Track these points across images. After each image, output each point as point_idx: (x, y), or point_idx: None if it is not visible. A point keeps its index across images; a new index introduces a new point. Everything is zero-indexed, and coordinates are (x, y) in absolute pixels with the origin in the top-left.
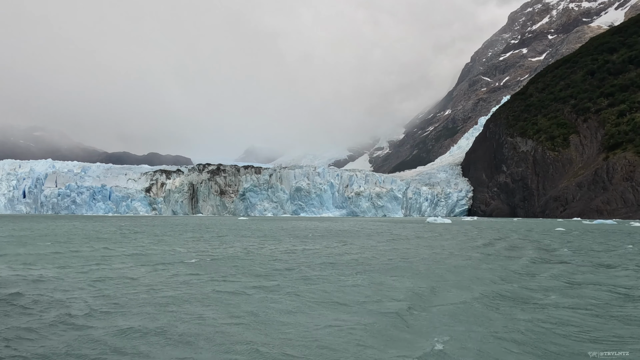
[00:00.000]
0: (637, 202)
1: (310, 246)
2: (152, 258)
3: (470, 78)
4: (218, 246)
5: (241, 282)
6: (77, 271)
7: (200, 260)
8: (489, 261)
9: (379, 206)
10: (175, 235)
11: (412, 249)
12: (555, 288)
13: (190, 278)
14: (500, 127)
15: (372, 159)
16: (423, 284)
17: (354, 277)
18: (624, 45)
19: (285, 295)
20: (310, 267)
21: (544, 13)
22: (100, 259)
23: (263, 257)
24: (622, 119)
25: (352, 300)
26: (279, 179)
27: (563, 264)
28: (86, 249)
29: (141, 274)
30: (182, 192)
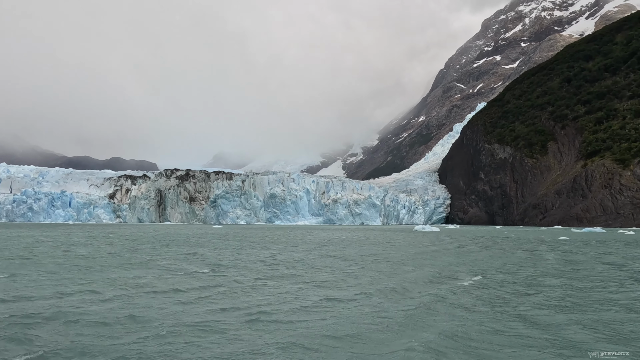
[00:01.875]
0: (617, 209)
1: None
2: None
3: (444, 84)
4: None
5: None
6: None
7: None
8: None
9: (356, 214)
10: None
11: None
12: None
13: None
14: (478, 133)
15: (346, 165)
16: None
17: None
18: (599, 53)
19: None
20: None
21: (517, 21)
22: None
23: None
24: (600, 126)
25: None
26: (252, 185)
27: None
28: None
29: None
30: (149, 198)
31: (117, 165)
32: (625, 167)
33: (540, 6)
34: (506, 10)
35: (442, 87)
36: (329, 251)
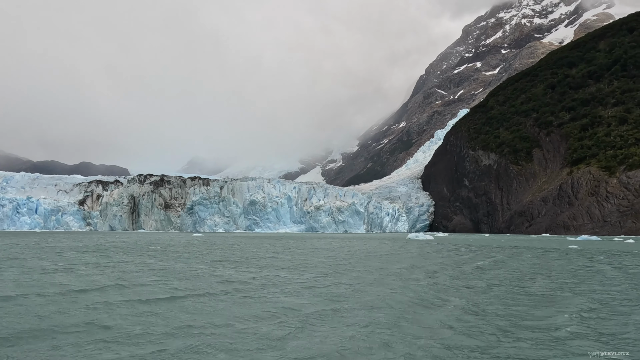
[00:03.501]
0: (603, 217)
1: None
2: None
3: (424, 90)
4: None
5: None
6: None
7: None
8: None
9: (340, 221)
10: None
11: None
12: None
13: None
14: (461, 140)
15: (325, 172)
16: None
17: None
18: (582, 60)
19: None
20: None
21: (498, 27)
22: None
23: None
24: (585, 133)
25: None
26: (231, 191)
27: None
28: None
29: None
30: (122, 205)
31: (87, 171)
32: (611, 175)
33: (520, 13)
34: (486, 17)
35: (422, 93)
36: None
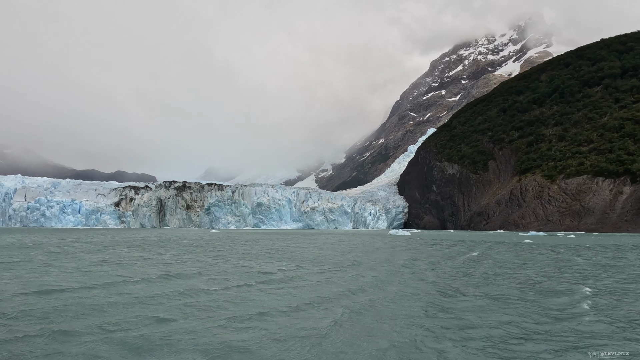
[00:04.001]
0: (546, 216)
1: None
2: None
3: (399, 113)
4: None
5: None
6: None
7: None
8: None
9: (331, 220)
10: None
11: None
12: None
13: None
14: (430, 153)
15: (318, 179)
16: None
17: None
18: (528, 88)
19: None
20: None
21: (458, 62)
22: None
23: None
24: (531, 148)
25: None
26: (241, 195)
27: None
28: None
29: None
30: (151, 206)
31: (121, 178)
32: (552, 182)
33: (477, 51)
34: (449, 54)
35: (397, 115)
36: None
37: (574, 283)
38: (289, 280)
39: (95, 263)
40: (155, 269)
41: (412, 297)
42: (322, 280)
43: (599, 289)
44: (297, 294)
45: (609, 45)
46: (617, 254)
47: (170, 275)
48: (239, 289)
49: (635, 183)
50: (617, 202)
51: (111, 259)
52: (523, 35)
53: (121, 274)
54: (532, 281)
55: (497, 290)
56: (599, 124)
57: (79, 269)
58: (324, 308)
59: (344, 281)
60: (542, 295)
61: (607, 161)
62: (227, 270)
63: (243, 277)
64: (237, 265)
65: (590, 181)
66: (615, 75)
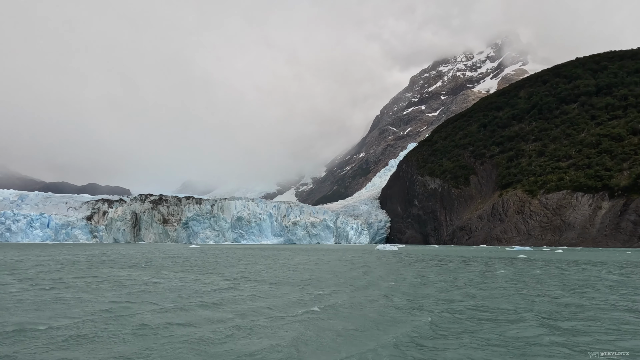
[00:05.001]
0: (528, 231)
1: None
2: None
3: (380, 127)
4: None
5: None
6: None
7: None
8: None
9: (313, 234)
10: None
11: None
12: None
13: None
14: (412, 167)
15: (298, 193)
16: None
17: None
18: (507, 105)
19: None
20: None
21: (438, 78)
22: None
23: None
24: (511, 163)
25: None
26: (220, 208)
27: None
28: None
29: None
30: (125, 220)
31: (93, 190)
32: (533, 197)
33: (455, 67)
34: (429, 70)
35: (378, 129)
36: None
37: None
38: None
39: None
40: (199, 300)
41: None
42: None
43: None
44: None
45: (584, 64)
46: (631, 270)
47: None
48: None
49: (613, 198)
50: (596, 217)
51: (117, 288)
52: (500, 53)
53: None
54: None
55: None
56: (576, 140)
57: (110, 313)
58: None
59: (382, 306)
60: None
61: (585, 176)
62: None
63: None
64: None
65: (570, 196)
66: (591, 93)
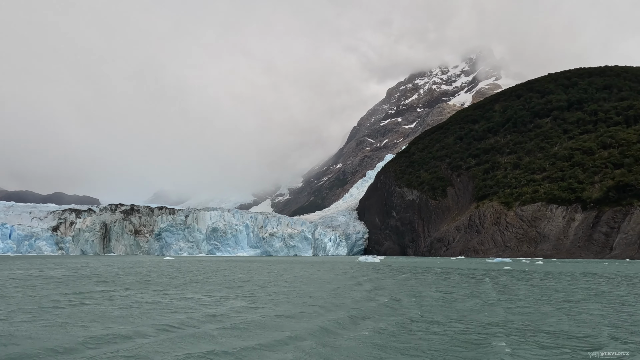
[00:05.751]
0: (504, 242)
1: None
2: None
3: (357, 139)
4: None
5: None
6: None
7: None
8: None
9: (291, 246)
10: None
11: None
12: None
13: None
14: (390, 179)
15: (274, 204)
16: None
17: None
18: (483, 118)
19: None
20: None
21: (414, 91)
22: None
23: None
24: (488, 175)
25: None
26: (195, 219)
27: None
28: None
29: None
30: (94, 231)
31: (59, 200)
32: (509, 209)
33: (431, 81)
34: (405, 83)
35: (355, 140)
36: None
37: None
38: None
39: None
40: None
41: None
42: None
43: None
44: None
45: (555, 80)
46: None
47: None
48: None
49: (586, 210)
50: (570, 229)
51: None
52: (474, 68)
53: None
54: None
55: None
56: (550, 153)
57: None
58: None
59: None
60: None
61: (559, 189)
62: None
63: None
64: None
65: (544, 208)
66: (563, 108)
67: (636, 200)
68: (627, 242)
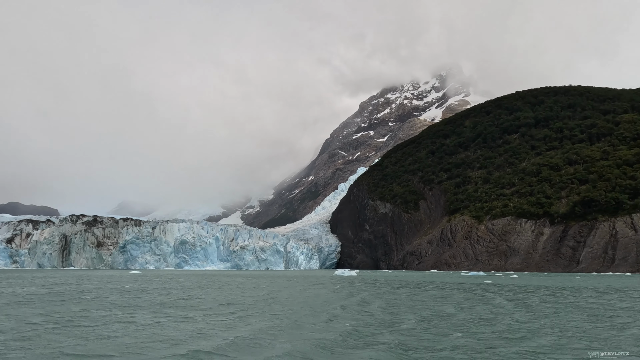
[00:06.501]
0: (475, 256)
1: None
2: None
3: (329, 151)
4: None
5: None
6: None
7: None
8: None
9: (262, 259)
10: None
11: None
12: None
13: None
14: (363, 192)
15: (244, 216)
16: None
17: None
18: (454, 133)
19: None
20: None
21: (386, 105)
22: None
23: None
24: (459, 189)
25: None
26: (163, 231)
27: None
28: None
29: None
30: (53, 243)
31: (15, 210)
32: (480, 222)
33: (402, 96)
34: (378, 97)
35: (327, 153)
36: None
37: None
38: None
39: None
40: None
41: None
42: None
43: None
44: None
45: (523, 97)
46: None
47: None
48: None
49: (554, 225)
50: (538, 243)
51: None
52: (444, 84)
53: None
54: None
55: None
56: (519, 168)
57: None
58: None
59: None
60: None
61: (528, 203)
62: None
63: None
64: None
65: (514, 222)
66: (530, 125)
67: (601, 215)
68: (592, 255)
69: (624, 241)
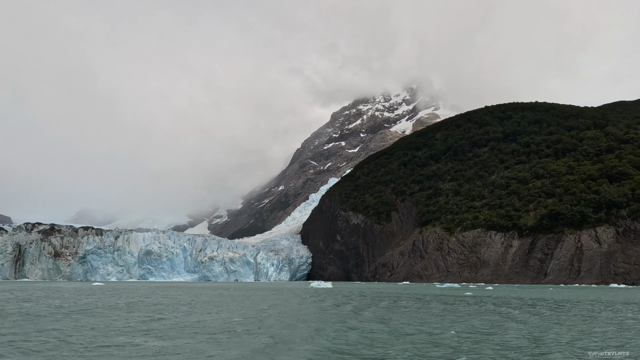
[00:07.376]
0: (447, 268)
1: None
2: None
3: (300, 161)
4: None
5: None
6: None
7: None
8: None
9: (231, 271)
10: None
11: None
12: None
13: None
14: (335, 202)
15: (212, 226)
16: None
17: None
18: (425, 145)
19: None
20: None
21: (358, 116)
22: None
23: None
24: (430, 201)
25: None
26: (126, 241)
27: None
28: None
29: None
30: (5, 253)
31: None
32: (451, 234)
33: (374, 107)
34: (349, 108)
35: (298, 163)
36: None
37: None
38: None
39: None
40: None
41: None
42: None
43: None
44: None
45: (492, 112)
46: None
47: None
48: None
49: (522, 237)
50: (508, 255)
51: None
52: (414, 97)
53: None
54: None
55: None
56: (488, 181)
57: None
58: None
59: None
60: None
61: (498, 216)
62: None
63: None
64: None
65: (484, 234)
66: (499, 139)
67: (567, 228)
68: (559, 267)
69: (589, 254)
